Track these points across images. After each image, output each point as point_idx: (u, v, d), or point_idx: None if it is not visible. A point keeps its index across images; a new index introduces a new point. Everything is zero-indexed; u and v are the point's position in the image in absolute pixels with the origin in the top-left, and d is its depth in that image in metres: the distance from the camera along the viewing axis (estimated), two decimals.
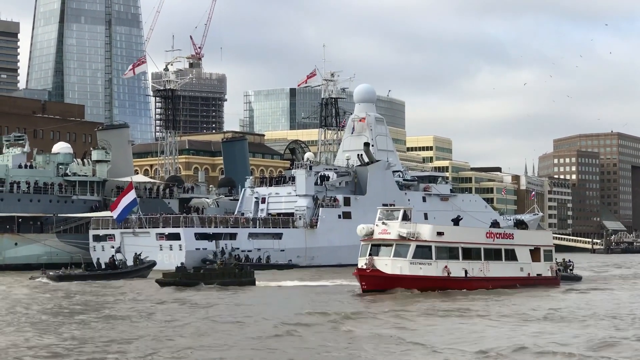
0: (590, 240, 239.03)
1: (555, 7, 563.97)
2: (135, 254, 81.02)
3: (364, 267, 60.30)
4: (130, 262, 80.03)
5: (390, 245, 60.45)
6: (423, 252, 60.53)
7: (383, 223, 61.53)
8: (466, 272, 62.11)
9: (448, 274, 60.85)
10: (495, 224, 71.29)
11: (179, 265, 74.30)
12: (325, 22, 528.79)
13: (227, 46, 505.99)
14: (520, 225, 73.63)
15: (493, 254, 65.04)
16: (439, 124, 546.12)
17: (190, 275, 67.91)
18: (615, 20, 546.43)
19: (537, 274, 68.36)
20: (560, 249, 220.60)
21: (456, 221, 68.89)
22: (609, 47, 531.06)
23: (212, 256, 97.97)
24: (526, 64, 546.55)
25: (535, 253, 68.68)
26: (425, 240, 60.76)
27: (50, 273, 74.93)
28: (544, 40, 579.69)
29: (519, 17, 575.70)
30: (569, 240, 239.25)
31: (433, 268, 60.63)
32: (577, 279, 76.21)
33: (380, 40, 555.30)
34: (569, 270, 76.48)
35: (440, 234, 62.04)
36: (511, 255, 66.54)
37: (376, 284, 59.38)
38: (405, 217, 61.57)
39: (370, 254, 60.46)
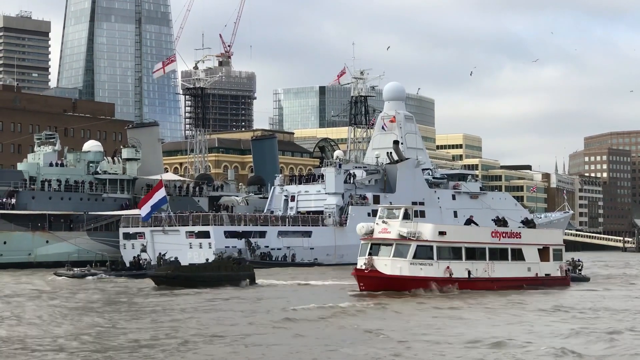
0: (621, 238, 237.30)
1: (576, 3, 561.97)
2: (160, 253, 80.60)
3: (363, 267, 58.56)
4: (154, 262, 79.82)
5: (390, 244, 58.35)
6: (424, 252, 58.39)
7: (383, 222, 59.44)
8: (469, 272, 60.03)
9: (450, 274, 58.56)
10: (499, 221, 68.26)
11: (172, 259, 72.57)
12: (352, 21, 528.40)
13: (256, 44, 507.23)
14: (528, 223, 70.27)
15: (499, 254, 62.58)
16: (466, 122, 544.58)
17: (184, 269, 65.83)
18: (636, 16, 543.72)
19: (546, 274, 65.76)
20: (591, 247, 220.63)
21: (468, 222, 67.05)
22: (632, 44, 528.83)
23: (236, 254, 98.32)
24: (549, 61, 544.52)
25: (544, 252, 66.10)
26: (427, 240, 58.63)
27: (75, 270, 75.22)
28: (565, 36, 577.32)
29: (538, 13, 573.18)
30: (600, 239, 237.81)
31: (434, 268, 58.43)
32: (585, 279, 73.06)
33: (403, 38, 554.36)
34: (577, 271, 73.49)
35: (442, 233, 59.89)
36: (518, 255, 64.01)
37: (375, 284, 57.35)
38: (407, 216, 59.39)
39: (369, 254, 58.62)
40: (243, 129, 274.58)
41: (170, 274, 63.69)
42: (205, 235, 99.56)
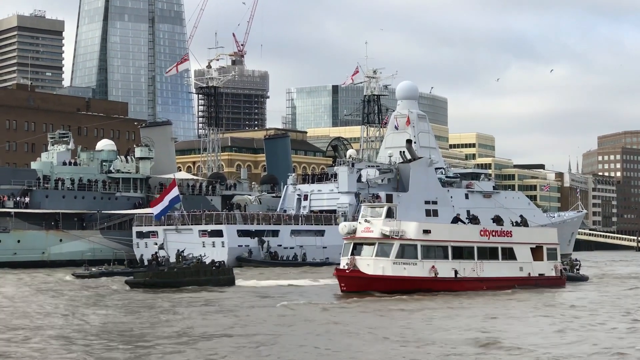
0: (635, 238, 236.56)
1: (580, 1, 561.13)
2: (178, 250, 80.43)
3: (345, 267, 57.09)
4: (173, 259, 79.58)
5: (373, 244, 56.86)
6: (408, 251, 56.90)
7: (366, 220, 58.01)
8: (456, 272, 58.24)
9: (435, 274, 57.01)
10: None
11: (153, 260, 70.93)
12: (359, 20, 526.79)
13: (269, 43, 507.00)
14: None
15: (488, 253, 60.80)
16: (476, 121, 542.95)
17: (162, 275, 63.96)
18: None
19: (539, 274, 63.87)
20: (604, 246, 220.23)
21: (455, 220, 65.77)
22: (637, 42, 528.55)
23: (246, 254, 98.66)
24: (556, 60, 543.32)
25: (537, 252, 64.18)
26: (410, 239, 57.07)
27: (92, 269, 75.29)
28: (570, 35, 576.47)
29: (544, 12, 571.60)
30: (613, 238, 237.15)
31: (418, 268, 56.87)
32: (583, 279, 71.68)
33: (409, 36, 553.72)
34: (575, 270, 72.10)
35: (426, 232, 58.22)
36: (509, 254, 62.21)
37: (356, 285, 55.92)
38: (390, 215, 57.83)
39: (352, 254, 57.13)
40: (256, 128, 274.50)
41: (148, 280, 62.25)
42: (218, 234, 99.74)
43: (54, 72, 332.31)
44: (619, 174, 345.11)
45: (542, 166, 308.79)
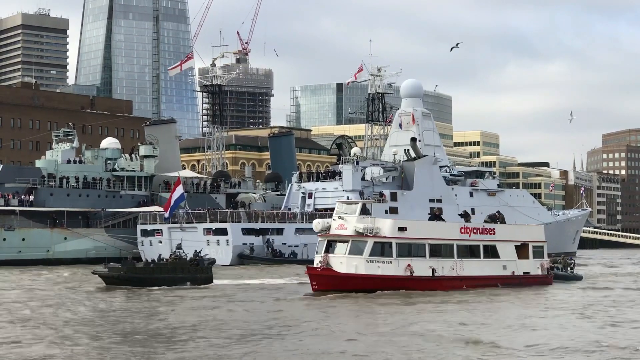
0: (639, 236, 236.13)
1: None
2: (195, 250, 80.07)
3: (318, 265, 55.61)
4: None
5: (346, 241, 55.39)
6: (382, 249, 55.31)
7: (340, 217, 56.53)
8: (434, 270, 56.52)
9: (411, 273, 55.37)
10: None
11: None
12: (357, 17, 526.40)
13: (273, 41, 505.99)
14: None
15: (469, 251, 59.16)
16: (478, 119, 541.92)
17: (137, 271, 61.79)
18: (637, 12, 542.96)
19: (524, 272, 62.11)
20: (609, 244, 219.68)
21: (434, 217, 63.79)
22: (634, 39, 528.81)
23: (248, 251, 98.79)
24: (553, 57, 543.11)
25: (522, 249, 62.40)
26: (385, 237, 55.46)
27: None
28: (566, 32, 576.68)
29: (540, 8, 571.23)
30: (618, 236, 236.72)
31: (393, 267, 55.23)
32: (577, 278, 69.41)
33: (409, 35, 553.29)
34: (569, 269, 70.08)
35: (402, 229, 56.48)
36: (492, 252, 60.43)
37: (328, 284, 54.37)
38: (365, 211, 56.31)
39: (326, 251, 55.64)
40: (260, 126, 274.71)
41: (123, 275, 60.63)
42: (223, 232, 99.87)
43: (58, 71, 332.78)
44: (623, 171, 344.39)
45: (546, 164, 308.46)
